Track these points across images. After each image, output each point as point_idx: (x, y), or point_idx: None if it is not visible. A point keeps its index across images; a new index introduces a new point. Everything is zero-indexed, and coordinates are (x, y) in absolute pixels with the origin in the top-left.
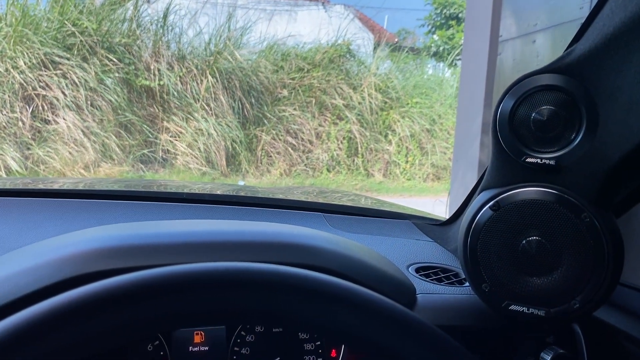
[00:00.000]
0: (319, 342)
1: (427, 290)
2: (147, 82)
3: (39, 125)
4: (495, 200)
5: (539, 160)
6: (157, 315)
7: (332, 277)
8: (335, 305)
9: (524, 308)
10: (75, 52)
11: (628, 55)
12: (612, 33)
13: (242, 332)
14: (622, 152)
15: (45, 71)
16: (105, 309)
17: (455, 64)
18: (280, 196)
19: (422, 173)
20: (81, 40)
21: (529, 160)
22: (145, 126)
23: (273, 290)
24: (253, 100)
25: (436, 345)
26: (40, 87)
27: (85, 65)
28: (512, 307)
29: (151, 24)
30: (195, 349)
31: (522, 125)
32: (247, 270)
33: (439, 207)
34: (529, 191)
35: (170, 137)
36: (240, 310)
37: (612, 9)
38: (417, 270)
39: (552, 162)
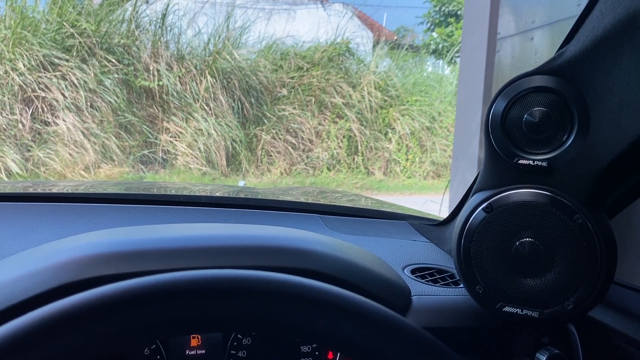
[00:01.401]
0: (315, 344)
1: (422, 292)
2: (147, 83)
3: (39, 127)
4: (488, 202)
5: (531, 162)
6: (150, 323)
7: (317, 282)
8: (323, 310)
9: (518, 309)
10: (74, 53)
11: (617, 57)
12: (601, 35)
13: (239, 336)
14: (614, 153)
15: (44, 73)
16: (98, 317)
17: (455, 61)
18: (280, 197)
19: (423, 171)
20: (80, 42)
21: (521, 162)
22: (145, 127)
23: (250, 297)
24: (252, 100)
25: (425, 349)
26: (39, 88)
27: (85, 66)
28: (506, 308)
29: (150, 25)
30: (192, 352)
31: (514, 126)
32: (231, 278)
33: (432, 205)
34: (522, 193)
35: (170, 137)
36: (227, 317)
37: (602, 10)
38: (413, 272)
39: (544, 164)
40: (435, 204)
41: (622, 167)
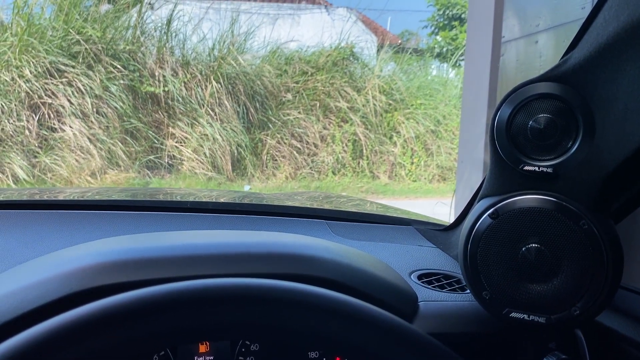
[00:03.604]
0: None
1: (429, 298)
2: (152, 89)
3: (46, 133)
4: (494, 208)
5: (536, 168)
6: (162, 332)
7: (325, 290)
8: (328, 318)
9: (525, 315)
10: (80, 60)
11: (621, 65)
12: (605, 42)
13: (247, 342)
14: (619, 159)
15: (50, 79)
16: (111, 327)
17: (459, 65)
18: (286, 202)
19: (428, 174)
20: (86, 48)
21: (526, 168)
22: (151, 132)
23: (261, 305)
24: (257, 105)
25: (431, 356)
26: (46, 95)
27: (91, 72)
28: (513, 314)
29: (155, 31)
30: (200, 358)
31: (520, 133)
32: (239, 286)
33: (442, 208)
34: (528, 199)
35: (176, 142)
36: (232, 325)
37: (605, 18)
38: (419, 277)
39: (549, 170)
40: (446, 206)
41: (627, 173)
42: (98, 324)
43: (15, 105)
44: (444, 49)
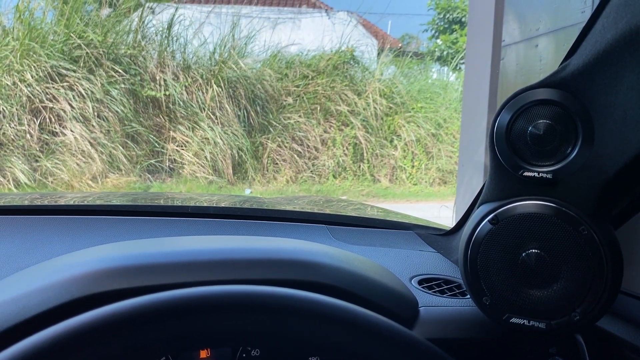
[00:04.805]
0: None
1: (429, 303)
2: (153, 93)
3: (47, 137)
4: (494, 214)
5: (536, 174)
6: (165, 339)
7: (324, 297)
8: (327, 325)
9: (525, 321)
10: (82, 64)
11: (620, 72)
12: (604, 50)
13: (247, 347)
14: (618, 164)
15: (52, 84)
16: (114, 334)
17: (460, 68)
18: (286, 207)
19: (429, 177)
20: (87, 53)
21: (526, 174)
22: (152, 136)
23: (262, 313)
24: (258, 109)
25: None
26: (47, 99)
27: (92, 77)
28: (513, 319)
29: (156, 35)
30: None
31: (519, 139)
32: (236, 294)
33: (446, 211)
34: (527, 205)
35: (177, 146)
36: (233, 333)
37: (604, 25)
38: (420, 283)
39: (549, 176)
40: (450, 209)
41: (626, 179)
42: (99, 332)
43: (16, 109)
44: (445, 53)
